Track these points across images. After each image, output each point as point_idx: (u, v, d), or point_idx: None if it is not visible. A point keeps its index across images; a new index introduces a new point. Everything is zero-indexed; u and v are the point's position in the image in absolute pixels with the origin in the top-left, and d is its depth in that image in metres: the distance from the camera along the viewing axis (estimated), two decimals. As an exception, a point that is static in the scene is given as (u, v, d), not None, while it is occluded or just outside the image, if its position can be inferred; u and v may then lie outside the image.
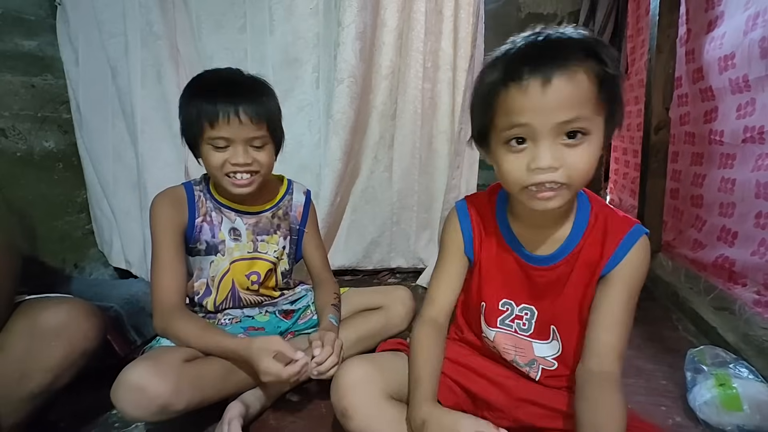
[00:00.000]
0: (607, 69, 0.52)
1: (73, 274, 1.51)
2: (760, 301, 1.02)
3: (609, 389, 0.57)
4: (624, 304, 0.61)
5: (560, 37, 0.54)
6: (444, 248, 0.73)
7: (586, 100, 0.52)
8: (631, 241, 0.61)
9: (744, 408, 0.75)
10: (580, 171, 0.54)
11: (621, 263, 0.61)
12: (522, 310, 0.68)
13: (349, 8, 1.30)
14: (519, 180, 0.55)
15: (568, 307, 0.65)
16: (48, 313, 0.69)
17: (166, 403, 0.68)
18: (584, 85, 0.52)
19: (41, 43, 1.42)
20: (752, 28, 1.08)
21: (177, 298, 0.82)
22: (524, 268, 0.66)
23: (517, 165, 0.55)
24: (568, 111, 0.51)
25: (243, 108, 0.79)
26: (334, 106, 1.38)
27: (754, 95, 1.10)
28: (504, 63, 0.54)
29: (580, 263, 0.63)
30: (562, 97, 0.51)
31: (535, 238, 0.65)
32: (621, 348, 0.60)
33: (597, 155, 0.55)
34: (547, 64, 0.51)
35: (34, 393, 0.67)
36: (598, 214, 0.64)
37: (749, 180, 1.10)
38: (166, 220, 0.85)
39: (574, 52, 0.51)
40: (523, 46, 0.54)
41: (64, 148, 1.50)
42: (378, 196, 1.56)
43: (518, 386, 0.69)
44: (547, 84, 0.51)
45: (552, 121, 0.52)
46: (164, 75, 1.36)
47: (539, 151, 0.53)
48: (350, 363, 0.67)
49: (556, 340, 0.67)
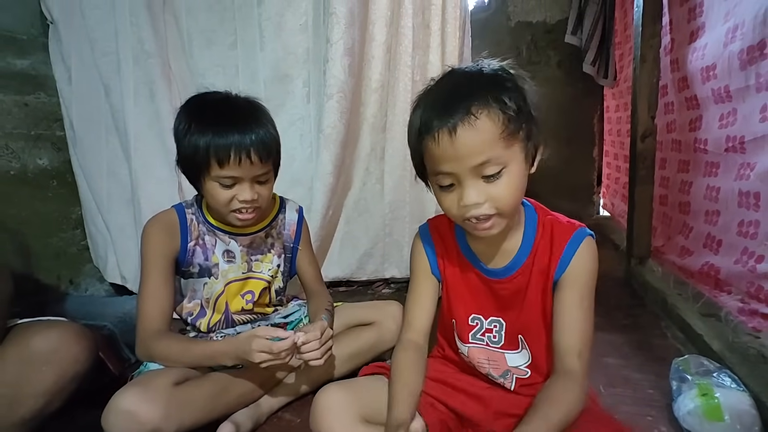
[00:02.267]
0: (507, 111, 0.55)
1: (69, 290, 1.52)
2: (744, 309, 1.04)
3: (564, 382, 0.60)
4: (577, 305, 0.64)
5: (466, 82, 0.58)
6: (413, 272, 0.76)
7: (494, 141, 0.56)
8: (576, 245, 0.64)
9: (725, 418, 0.76)
10: (506, 200, 0.58)
11: (569, 267, 0.64)
12: (491, 323, 0.71)
13: (336, 25, 1.33)
14: (456, 215, 0.61)
15: (532, 315, 0.68)
16: (39, 338, 0.70)
17: (157, 428, 0.69)
18: (487, 129, 0.55)
19: (34, 61, 1.44)
20: (731, 40, 1.10)
21: (159, 325, 0.83)
22: (486, 282, 0.69)
23: (450, 203, 0.60)
24: (477, 156, 0.56)
25: (254, 149, 0.79)
26: (324, 121, 1.40)
27: (735, 105, 1.12)
28: (420, 112, 0.59)
29: (535, 272, 0.66)
30: (469, 146, 0.55)
31: (490, 253, 0.69)
32: (581, 347, 0.63)
33: (521, 178, 0.59)
34: (452, 115, 0.55)
35: (26, 418, 0.68)
36: (545, 223, 0.67)
37: (732, 189, 1.12)
38: (156, 247, 0.85)
39: (476, 100, 0.55)
40: (434, 96, 0.60)
41: (58, 166, 1.51)
42: (370, 208, 1.57)
43: (494, 398, 0.71)
44: (453, 135, 0.55)
45: (466, 166, 0.56)
46: (157, 92, 1.37)
47: (464, 190, 0.58)
48: (326, 389, 0.68)
49: (525, 349, 0.70)
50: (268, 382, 0.90)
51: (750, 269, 1.03)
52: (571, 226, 0.66)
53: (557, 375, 0.62)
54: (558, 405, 0.58)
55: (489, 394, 0.72)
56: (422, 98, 0.62)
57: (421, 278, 0.74)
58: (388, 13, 1.40)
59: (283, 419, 0.91)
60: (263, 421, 0.89)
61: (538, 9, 2.37)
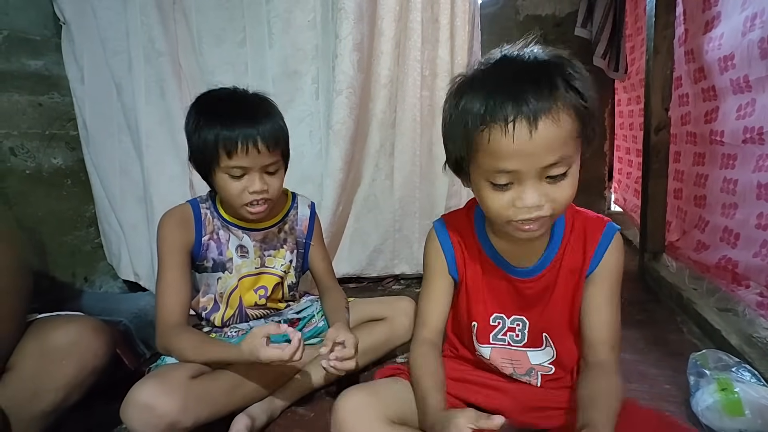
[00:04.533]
0: (585, 104, 0.50)
1: (84, 287, 1.54)
2: (763, 303, 1.02)
3: (604, 373, 0.60)
4: (609, 300, 0.64)
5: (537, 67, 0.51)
6: (428, 269, 0.73)
7: (570, 139, 0.51)
8: (608, 240, 0.63)
9: (746, 413, 0.75)
10: (565, 202, 0.55)
11: (601, 263, 0.63)
12: (513, 322, 0.69)
13: (345, 20, 1.32)
14: (504, 215, 0.55)
15: (558, 313, 0.67)
16: (58, 332, 0.71)
17: (175, 421, 0.70)
18: (568, 126, 0.50)
19: (47, 62, 1.46)
20: (750, 29, 1.08)
21: (178, 318, 0.83)
22: (512, 282, 0.68)
23: (502, 203, 0.54)
24: (554, 154, 0.50)
25: (261, 138, 0.80)
26: (333, 117, 1.39)
27: (754, 96, 1.10)
28: (484, 95, 0.50)
29: (564, 269, 0.65)
30: (549, 142, 0.49)
31: (517, 252, 0.66)
32: (613, 339, 0.63)
33: (577, 177, 0.55)
34: (531, 102, 0.48)
35: (46, 411, 0.69)
36: (574, 219, 0.66)
37: (750, 181, 1.10)
38: (172, 240, 0.86)
39: (556, 86, 0.49)
40: (496, 79, 0.51)
41: (72, 165, 1.53)
42: (380, 204, 1.57)
43: (521, 391, 0.70)
44: (533, 127, 0.48)
45: (537, 165, 0.51)
46: (167, 90, 1.38)
47: (525, 191, 0.52)
48: (347, 392, 0.67)
49: (549, 346, 0.69)
50: (283, 377, 0.91)
51: (769, 262, 1.01)
52: (601, 221, 0.65)
53: (593, 369, 0.61)
54: (609, 392, 0.57)
55: (516, 388, 0.71)
56: (473, 82, 0.53)
57: (437, 277, 0.72)
58: (397, 8, 1.39)
59: (296, 413, 0.91)
60: (277, 415, 0.89)
61: (547, 2, 2.33)
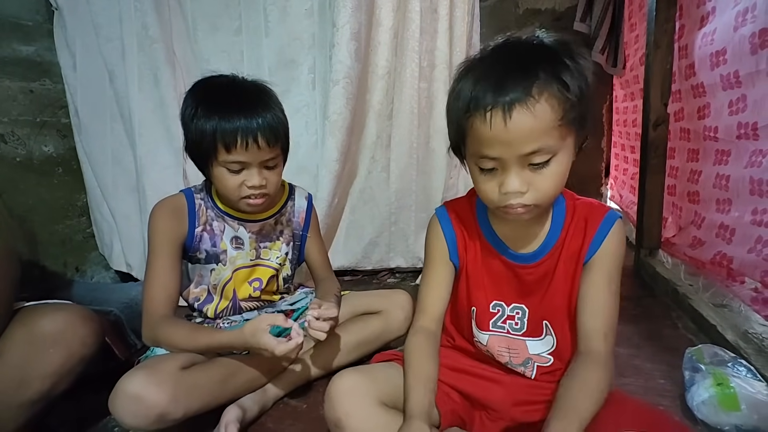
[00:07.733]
0: (569, 94, 0.51)
1: (75, 277, 1.52)
2: (757, 298, 1.02)
3: (590, 365, 0.59)
4: (606, 287, 0.63)
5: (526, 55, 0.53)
6: (429, 256, 0.73)
7: (552, 129, 0.52)
8: (608, 226, 0.63)
9: (741, 408, 0.75)
10: (549, 191, 0.56)
11: (600, 249, 0.63)
12: (513, 310, 0.69)
13: (343, 9, 1.30)
14: (491, 200, 0.58)
15: (558, 300, 0.66)
16: (46, 320, 0.70)
17: (164, 412, 0.68)
18: (546, 116, 0.51)
19: (39, 48, 1.43)
20: (742, 23, 1.07)
21: (165, 309, 0.82)
22: (511, 268, 0.67)
23: (489, 187, 0.57)
24: (533, 143, 0.52)
25: (261, 132, 0.78)
26: (330, 108, 1.38)
27: (744, 91, 1.09)
28: (470, 84, 0.54)
29: (564, 256, 0.65)
30: (523, 132, 0.51)
31: (517, 237, 0.66)
32: (607, 329, 0.62)
33: (567, 167, 0.56)
34: (508, 93, 0.50)
35: (33, 399, 0.68)
36: (576, 206, 0.66)
37: (743, 176, 1.10)
38: (163, 230, 0.84)
39: (537, 79, 0.51)
40: (487, 67, 0.54)
41: (64, 153, 1.51)
42: (376, 197, 1.56)
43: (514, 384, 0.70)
44: (507, 117, 0.51)
45: (515, 153, 0.53)
46: (161, 78, 1.36)
47: (507, 177, 0.55)
48: (342, 373, 0.66)
49: (549, 335, 0.68)
50: (275, 369, 0.90)
51: (765, 258, 1.01)
52: (603, 208, 0.65)
53: (581, 357, 0.61)
54: (587, 391, 0.56)
55: (509, 380, 0.70)
56: (472, 67, 0.56)
57: (438, 263, 0.71)
58: (396, -3, 1.38)
59: (289, 405, 0.90)
60: (270, 406, 0.88)
61: (547, -4, 2.32)
